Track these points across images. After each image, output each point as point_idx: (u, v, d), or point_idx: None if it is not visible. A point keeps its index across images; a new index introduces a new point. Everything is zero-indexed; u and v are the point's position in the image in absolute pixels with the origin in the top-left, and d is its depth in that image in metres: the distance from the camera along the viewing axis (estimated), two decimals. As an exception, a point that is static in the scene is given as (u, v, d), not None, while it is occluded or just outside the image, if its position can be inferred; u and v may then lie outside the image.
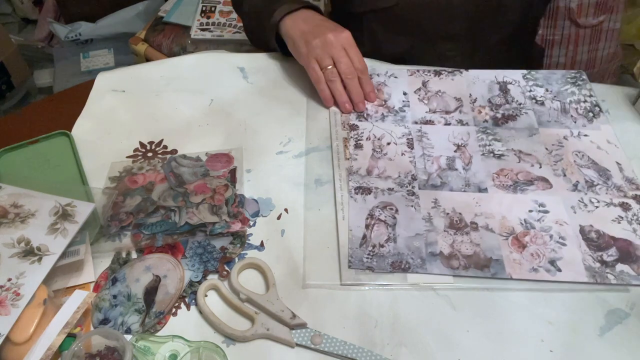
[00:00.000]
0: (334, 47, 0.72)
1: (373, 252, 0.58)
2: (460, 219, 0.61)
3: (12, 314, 0.50)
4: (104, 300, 0.54)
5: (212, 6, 1.52)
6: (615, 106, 0.75)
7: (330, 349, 0.51)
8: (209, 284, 0.55)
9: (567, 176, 0.64)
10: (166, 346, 0.50)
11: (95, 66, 1.83)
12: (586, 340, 0.52)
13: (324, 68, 0.72)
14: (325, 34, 0.72)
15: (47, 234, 0.56)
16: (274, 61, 0.84)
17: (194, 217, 0.61)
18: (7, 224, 0.57)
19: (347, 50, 0.73)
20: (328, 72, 0.72)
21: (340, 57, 0.72)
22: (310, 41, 0.72)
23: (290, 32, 0.75)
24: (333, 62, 0.72)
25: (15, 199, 0.60)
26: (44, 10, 2.01)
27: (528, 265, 0.56)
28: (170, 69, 0.83)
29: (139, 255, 0.59)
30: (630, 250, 0.57)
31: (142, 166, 0.68)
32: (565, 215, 0.60)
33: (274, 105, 0.76)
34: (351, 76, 0.73)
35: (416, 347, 0.51)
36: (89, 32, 1.89)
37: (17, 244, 0.55)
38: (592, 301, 0.55)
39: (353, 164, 0.67)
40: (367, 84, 0.75)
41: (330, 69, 0.72)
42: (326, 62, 0.72)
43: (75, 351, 0.48)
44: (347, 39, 0.73)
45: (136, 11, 1.86)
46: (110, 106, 0.77)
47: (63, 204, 0.59)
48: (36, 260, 0.54)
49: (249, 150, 0.70)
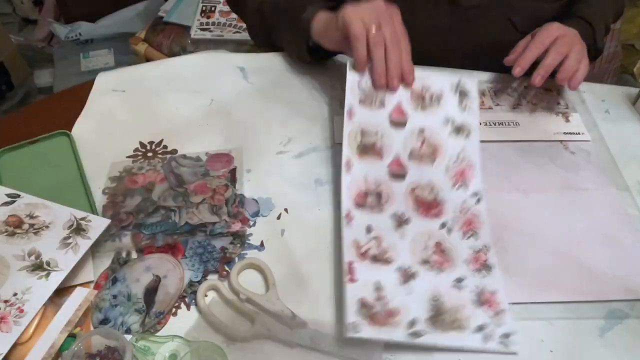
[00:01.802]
0: (382, 12, 0.65)
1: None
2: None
3: (13, 332, 0.50)
4: (104, 300, 0.54)
5: (212, 6, 1.52)
6: (615, 106, 0.75)
7: (331, 349, 0.51)
8: (209, 284, 0.55)
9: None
10: (166, 346, 0.50)
11: (95, 66, 1.83)
12: (586, 340, 0.52)
13: (369, 29, 0.64)
14: (374, 1, 0.66)
15: (59, 248, 0.56)
16: (274, 61, 0.84)
17: (194, 217, 0.61)
18: (20, 235, 0.57)
19: (394, 21, 0.66)
20: (373, 34, 0.64)
21: (388, 23, 0.65)
22: (358, 3, 0.66)
23: (326, 18, 0.70)
24: (379, 28, 0.65)
25: (32, 209, 0.59)
26: (44, 10, 2.01)
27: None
28: (170, 69, 0.83)
29: (139, 255, 0.59)
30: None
31: (142, 166, 0.68)
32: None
33: (274, 105, 0.76)
34: (396, 44, 0.65)
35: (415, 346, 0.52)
36: (89, 32, 1.89)
37: (28, 256, 0.55)
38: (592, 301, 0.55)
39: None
40: (406, 62, 0.66)
41: (375, 31, 0.64)
42: (372, 23, 0.64)
43: (76, 351, 0.48)
44: (397, 12, 0.67)
45: (136, 11, 1.86)
46: (110, 106, 0.77)
47: (78, 218, 0.59)
48: (44, 276, 0.54)
49: (249, 150, 0.70)
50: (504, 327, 0.52)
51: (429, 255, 0.57)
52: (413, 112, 0.66)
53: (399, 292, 0.54)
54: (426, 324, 0.52)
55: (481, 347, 0.51)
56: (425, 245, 0.58)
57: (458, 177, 0.64)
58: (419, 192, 0.62)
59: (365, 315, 0.52)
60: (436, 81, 0.68)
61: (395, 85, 0.66)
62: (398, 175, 0.63)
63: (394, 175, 0.63)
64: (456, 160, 0.64)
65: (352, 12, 0.65)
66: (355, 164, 0.63)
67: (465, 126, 0.66)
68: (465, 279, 0.56)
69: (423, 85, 0.68)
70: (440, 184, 0.63)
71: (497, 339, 0.51)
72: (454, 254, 0.58)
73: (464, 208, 0.62)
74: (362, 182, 0.62)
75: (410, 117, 0.66)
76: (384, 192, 0.62)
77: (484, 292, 0.55)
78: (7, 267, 0.54)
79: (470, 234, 0.59)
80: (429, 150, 0.65)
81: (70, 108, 0.76)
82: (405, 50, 0.66)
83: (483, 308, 0.53)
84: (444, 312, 0.53)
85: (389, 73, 0.66)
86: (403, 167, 0.64)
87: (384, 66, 0.65)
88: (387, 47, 0.65)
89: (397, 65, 0.65)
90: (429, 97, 0.67)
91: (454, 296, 0.54)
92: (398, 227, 0.60)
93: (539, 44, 0.70)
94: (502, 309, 0.53)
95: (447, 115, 0.66)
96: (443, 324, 0.52)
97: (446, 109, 0.67)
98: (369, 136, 0.65)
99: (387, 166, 0.64)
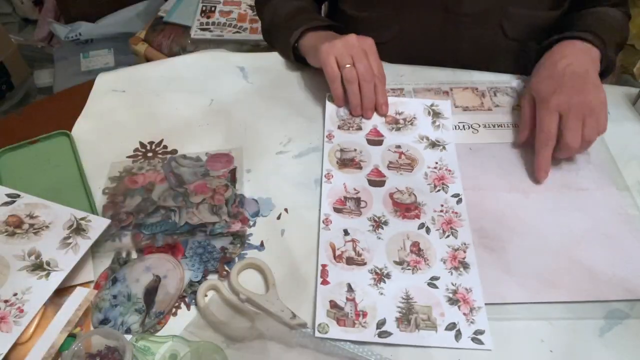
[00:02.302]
0: (355, 47, 0.70)
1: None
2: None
3: (13, 332, 0.50)
4: (104, 300, 0.54)
5: (212, 6, 1.52)
6: (615, 106, 0.75)
7: (331, 348, 0.51)
8: (209, 284, 0.55)
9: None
10: (166, 346, 0.50)
11: (95, 66, 1.83)
12: (586, 340, 0.52)
13: (342, 67, 0.69)
14: (347, 37, 0.70)
15: (59, 248, 0.56)
16: (274, 61, 0.84)
17: (194, 217, 0.61)
18: (20, 235, 0.57)
19: (368, 55, 0.71)
20: (346, 70, 0.69)
21: (361, 59, 0.69)
22: (332, 40, 0.70)
23: (312, 42, 0.74)
24: (353, 63, 0.70)
25: (31, 209, 0.59)
26: (44, 10, 2.01)
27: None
28: (170, 69, 0.83)
29: (139, 255, 0.59)
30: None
31: (142, 166, 0.68)
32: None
33: (274, 105, 0.76)
34: (369, 79, 0.70)
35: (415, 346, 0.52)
36: (89, 32, 1.89)
37: (28, 256, 0.55)
38: (592, 301, 0.55)
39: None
40: (381, 94, 0.72)
41: (349, 67, 0.69)
42: (345, 61, 0.69)
43: (76, 351, 0.48)
44: (370, 45, 0.71)
45: (136, 11, 1.86)
46: (110, 106, 0.77)
47: (78, 218, 0.59)
48: (44, 276, 0.54)
49: (249, 150, 0.70)
50: (476, 324, 0.53)
51: (406, 255, 0.58)
52: (388, 133, 0.71)
53: (370, 293, 0.55)
54: (395, 324, 0.52)
55: (453, 346, 0.51)
56: (402, 246, 0.59)
57: (437, 182, 0.65)
58: (398, 195, 0.64)
59: (335, 317, 0.53)
60: (409, 106, 0.74)
61: (369, 116, 0.73)
62: (377, 183, 0.65)
63: (374, 182, 0.65)
64: (435, 167, 0.67)
65: (326, 50, 0.70)
66: (335, 175, 0.66)
67: (440, 142, 0.70)
68: (440, 278, 0.56)
69: (396, 110, 0.74)
70: (419, 188, 0.64)
71: (469, 337, 0.52)
72: (430, 253, 0.58)
73: (444, 208, 0.62)
74: (342, 189, 0.64)
75: (386, 138, 0.71)
76: (363, 198, 0.64)
77: (458, 290, 0.55)
78: (7, 267, 0.54)
79: (449, 232, 0.60)
80: (407, 161, 0.68)
81: (70, 108, 0.76)
82: (379, 82, 0.72)
83: (457, 306, 0.54)
84: (415, 312, 0.53)
85: (363, 106, 0.72)
86: (382, 174, 0.66)
87: (358, 100, 0.71)
88: (360, 82, 0.70)
89: (370, 99, 0.71)
90: (402, 119, 0.73)
91: (426, 295, 0.55)
92: (376, 229, 0.60)
93: (548, 126, 0.63)
94: (478, 307, 0.54)
95: (420, 133, 0.71)
96: (413, 324, 0.53)
97: (420, 129, 0.72)
98: (348, 152, 0.69)
99: (366, 175, 0.66)
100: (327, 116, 0.73)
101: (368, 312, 0.53)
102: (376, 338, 0.52)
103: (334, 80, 0.71)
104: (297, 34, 0.76)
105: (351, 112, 0.73)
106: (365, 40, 0.71)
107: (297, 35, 0.76)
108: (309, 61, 0.76)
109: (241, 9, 1.51)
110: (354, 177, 0.66)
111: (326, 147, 0.69)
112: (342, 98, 0.73)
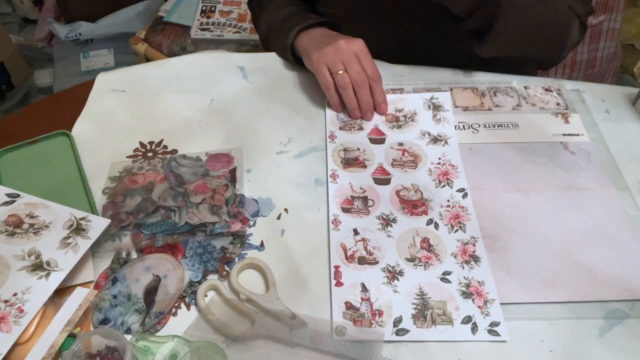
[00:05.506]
0: (345, 52, 0.70)
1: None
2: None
3: (13, 332, 0.50)
4: (104, 300, 0.54)
5: (212, 6, 1.52)
6: (615, 106, 0.75)
7: (330, 348, 0.51)
8: (209, 284, 0.55)
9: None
10: (166, 346, 0.50)
11: (95, 66, 1.83)
12: (586, 340, 0.52)
13: (335, 73, 0.70)
14: (336, 41, 0.71)
15: (59, 248, 0.56)
16: (274, 61, 0.84)
17: (194, 217, 0.61)
18: (20, 235, 0.57)
19: (359, 58, 0.71)
20: (339, 77, 0.70)
21: (352, 64, 0.70)
22: (322, 47, 0.71)
23: (305, 44, 0.75)
24: (344, 68, 0.70)
25: (31, 209, 0.59)
26: (44, 10, 2.01)
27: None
28: (170, 69, 0.83)
29: (139, 255, 0.59)
30: None
31: (142, 166, 0.68)
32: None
33: (274, 105, 0.76)
34: (362, 83, 0.70)
35: (415, 346, 0.52)
36: (89, 32, 1.88)
37: (28, 256, 0.55)
38: (592, 301, 0.55)
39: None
40: (378, 94, 0.72)
41: (341, 74, 0.70)
42: (337, 68, 0.70)
43: (76, 351, 0.48)
44: (360, 47, 0.71)
45: (136, 11, 1.86)
46: (110, 106, 0.77)
47: (78, 217, 0.59)
48: (44, 276, 0.54)
49: (249, 150, 0.70)
50: (492, 317, 0.53)
51: (416, 251, 0.58)
52: (390, 131, 0.72)
53: (385, 292, 0.55)
54: (412, 321, 0.53)
55: (470, 339, 0.52)
56: (412, 242, 0.59)
57: (442, 177, 0.65)
58: (404, 192, 0.64)
59: (351, 318, 0.53)
60: (409, 101, 0.74)
61: (369, 118, 0.73)
62: (383, 181, 0.65)
63: (379, 180, 0.65)
64: (438, 163, 0.67)
65: (317, 59, 0.71)
66: (340, 174, 0.66)
67: (442, 136, 0.71)
68: (452, 273, 0.56)
69: (396, 108, 0.74)
70: (425, 184, 0.65)
71: (485, 329, 0.52)
72: (441, 249, 0.58)
73: (451, 203, 0.63)
74: (348, 189, 0.64)
75: (388, 136, 0.71)
76: (370, 196, 0.64)
77: (471, 283, 0.55)
78: (7, 267, 0.54)
79: (457, 227, 0.60)
80: (410, 158, 0.68)
81: (70, 108, 0.76)
82: (374, 83, 0.72)
83: (471, 299, 0.54)
84: (430, 308, 0.54)
85: (361, 109, 0.73)
86: (387, 172, 0.66)
87: (355, 104, 0.72)
88: (354, 87, 0.71)
89: (367, 102, 0.72)
90: (403, 116, 0.73)
91: (439, 290, 0.55)
92: (385, 227, 0.60)
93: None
94: (492, 299, 0.54)
95: (422, 129, 0.72)
96: (429, 319, 0.53)
97: (421, 124, 0.72)
98: (351, 152, 0.69)
99: (371, 174, 0.66)
100: (327, 119, 0.73)
101: (384, 310, 0.53)
102: (394, 336, 0.52)
103: (329, 89, 0.72)
104: (293, 34, 0.76)
105: (350, 115, 0.73)
106: (354, 42, 0.71)
107: (293, 36, 0.76)
108: (305, 64, 0.76)
109: (241, 9, 1.51)
110: (360, 176, 0.66)
111: (329, 147, 0.70)
112: (340, 104, 0.73)
